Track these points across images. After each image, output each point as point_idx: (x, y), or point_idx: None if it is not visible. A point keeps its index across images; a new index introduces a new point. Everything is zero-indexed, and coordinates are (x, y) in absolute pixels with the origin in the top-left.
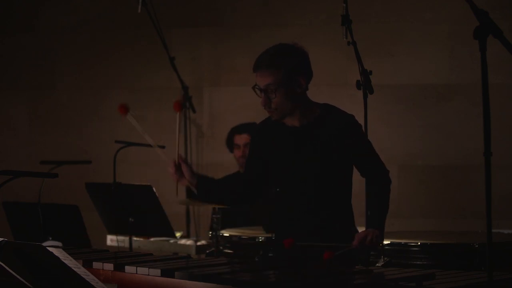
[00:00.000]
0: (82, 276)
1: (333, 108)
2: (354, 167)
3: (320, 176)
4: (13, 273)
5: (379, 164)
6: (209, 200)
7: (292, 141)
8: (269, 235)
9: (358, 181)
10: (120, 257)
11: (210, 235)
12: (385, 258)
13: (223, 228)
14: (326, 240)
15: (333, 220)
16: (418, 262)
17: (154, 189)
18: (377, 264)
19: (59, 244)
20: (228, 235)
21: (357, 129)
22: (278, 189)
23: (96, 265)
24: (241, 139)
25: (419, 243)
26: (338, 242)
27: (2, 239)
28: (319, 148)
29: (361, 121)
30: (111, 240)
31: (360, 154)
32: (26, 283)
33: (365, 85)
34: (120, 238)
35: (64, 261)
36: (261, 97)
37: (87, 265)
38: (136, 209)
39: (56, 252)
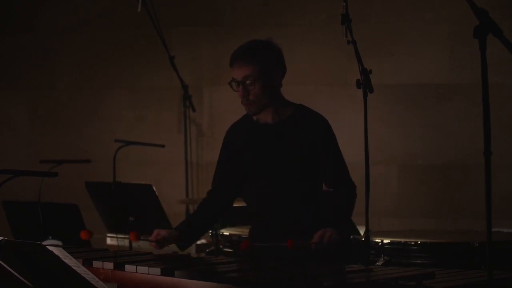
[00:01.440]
0: (82, 275)
1: (307, 108)
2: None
3: (294, 174)
4: (13, 272)
5: (347, 176)
6: (200, 237)
7: (268, 138)
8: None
9: (358, 180)
10: (120, 256)
11: (210, 234)
12: (385, 257)
13: (223, 227)
14: (300, 238)
15: (312, 217)
16: (418, 261)
17: (154, 188)
18: (377, 263)
19: (59, 243)
20: (228, 234)
21: (331, 133)
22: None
23: (96, 264)
24: None
25: (419, 242)
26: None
27: (2, 238)
28: (295, 146)
29: (361, 120)
30: (111, 239)
31: (330, 162)
32: (26, 282)
33: (365, 84)
34: (120, 237)
35: (64, 260)
36: (238, 91)
37: (87, 264)
38: (136, 208)
39: (56, 251)
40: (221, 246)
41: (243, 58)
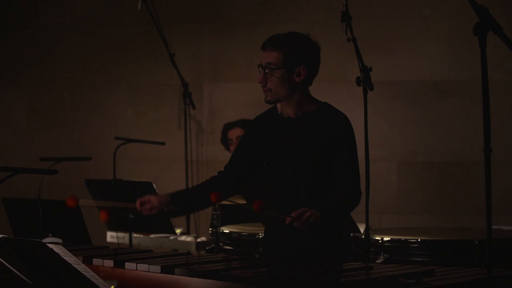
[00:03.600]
0: (82, 272)
1: (330, 106)
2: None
3: (312, 170)
4: (13, 269)
5: (355, 178)
6: (191, 210)
7: (286, 133)
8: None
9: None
10: (120, 254)
11: (210, 232)
12: (385, 255)
13: (223, 224)
14: (316, 235)
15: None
16: (418, 259)
17: (154, 185)
18: (377, 261)
19: (59, 240)
20: (228, 231)
21: (349, 130)
22: (290, 172)
23: (96, 261)
24: (233, 133)
25: (419, 240)
26: (327, 238)
27: (2, 235)
28: (313, 142)
29: (361, 117)
30: (111, 236)
31: (343, 156)
32: (26, 279)
33: (365, 81)
34: (120, 234)
35: (64, 257)
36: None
37: (87, 261)
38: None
39: (56, 248)
40: (221, 244)
41: (272, 45)
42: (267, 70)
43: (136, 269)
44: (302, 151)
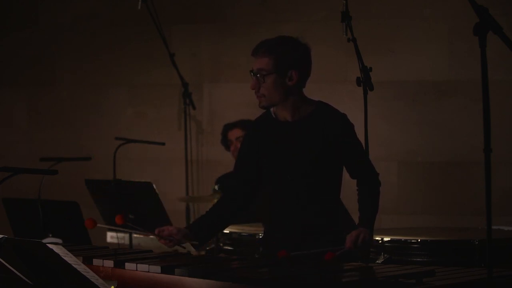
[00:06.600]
0: (82, 273)
1: (326, 105)
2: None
3: (310, 172)
4: (13, 269)
5: (369, 166)
6: (213, 237)
7: (284, 136)
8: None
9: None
10: (120, 254)
11: None
12: (385, 255)
13: None
14: (316, 237)
15: (321, 217)
16: (418, 259)
17: (154, 185)
18: (377, 261)
19: (59, 240)
20: (228, 232)
21: (349, 129)
22: (289, 177)
23: (96, 262)
24: (233, 134)
25: (419, 240)
26: (328, 241)
27: (2, 235)
28: (311, 144)
29: (361, 117)
30: (111, 237)
31: (351, 155)
32: (26, 280)
33: (365, 81)
34: (120, 235)
35: (64, 258)
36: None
37: (87, 262)
38: (136, 206)
39: (56, 249)
40: (221, 244)
41: (262, 51)
42: (258, 76)
43: (136, 269)
44: (300, 152)
